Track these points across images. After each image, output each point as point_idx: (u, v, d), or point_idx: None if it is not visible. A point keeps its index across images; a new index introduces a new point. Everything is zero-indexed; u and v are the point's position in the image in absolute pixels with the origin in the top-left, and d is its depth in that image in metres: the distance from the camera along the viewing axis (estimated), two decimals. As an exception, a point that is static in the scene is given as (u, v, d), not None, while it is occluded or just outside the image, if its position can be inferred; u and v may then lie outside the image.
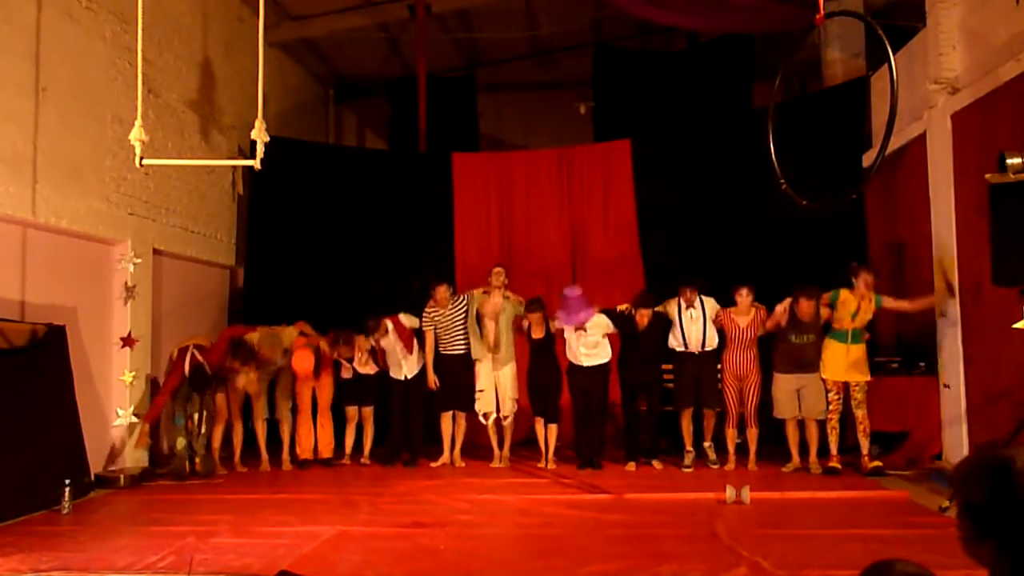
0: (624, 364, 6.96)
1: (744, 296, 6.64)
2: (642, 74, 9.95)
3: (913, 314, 6.62)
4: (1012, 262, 4.57)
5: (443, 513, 5.14)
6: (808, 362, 6.42)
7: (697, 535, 4.46)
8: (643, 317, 6.80)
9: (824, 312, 6.45)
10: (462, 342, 7.19)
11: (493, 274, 7.23)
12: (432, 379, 7.17)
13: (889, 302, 6.40)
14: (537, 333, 7.01)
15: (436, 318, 7.20)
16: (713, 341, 6.79)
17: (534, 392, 7.11)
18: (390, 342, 7.22)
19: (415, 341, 7.30)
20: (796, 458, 6.51)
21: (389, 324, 7.17)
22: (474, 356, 7.14)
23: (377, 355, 7.34)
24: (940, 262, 6.43)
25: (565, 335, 6.92)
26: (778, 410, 6.52)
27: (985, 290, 5.58)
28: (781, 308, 6.52)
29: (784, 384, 6.49)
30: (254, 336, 6.94)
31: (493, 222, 8.90)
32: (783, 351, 6.52)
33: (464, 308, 7.21)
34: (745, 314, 6.66)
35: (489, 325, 7.08)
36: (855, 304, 6.31)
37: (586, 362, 6.84)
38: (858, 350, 6.30)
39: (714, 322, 6.79)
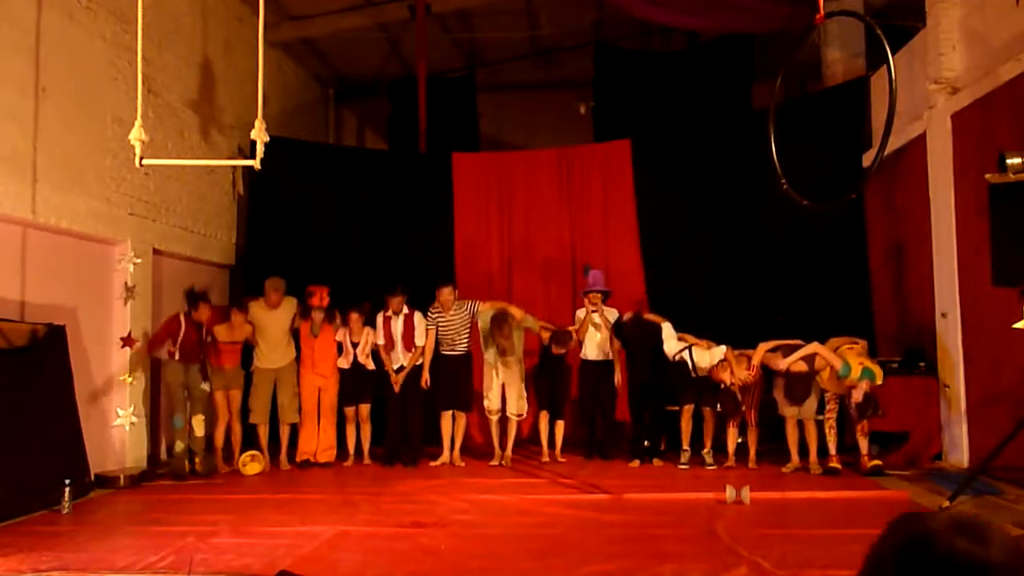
0: (631, 365, 7.12)
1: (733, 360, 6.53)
2: (642, 74, 9.94)
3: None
4: (1012, 262, 4.56)
5: (443, 513, 5.13)
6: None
7: (697, 535, 4.45)
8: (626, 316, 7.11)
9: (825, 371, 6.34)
10: (463, 343, 7.21)
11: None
12: (425, 379, 7.15)
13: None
14: (558, 351, 7.19)
15: (439, 320, 7.20)
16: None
17: (540, 387, 7.19)
18: (397, 327, 7.22)
19: (414, 342, 7.28)
20: (796, 458, 6.51)
21: (405, 309, 7.23)
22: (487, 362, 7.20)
23: (379, 348, 7.30)
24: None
25: (587, 332, 7.21)
26: (781, 408, 6.53)
27: (985, 290, 5.57)
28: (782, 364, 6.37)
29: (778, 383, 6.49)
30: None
31: (493, 222, 8.89)
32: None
33: (468, 313, 7.20)
34: (740, 371, 6.52)
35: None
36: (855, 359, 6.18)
37: (602, 355, 7.18)
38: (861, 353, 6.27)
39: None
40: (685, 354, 6.74)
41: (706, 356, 6.63)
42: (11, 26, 5.66)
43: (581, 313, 7.35)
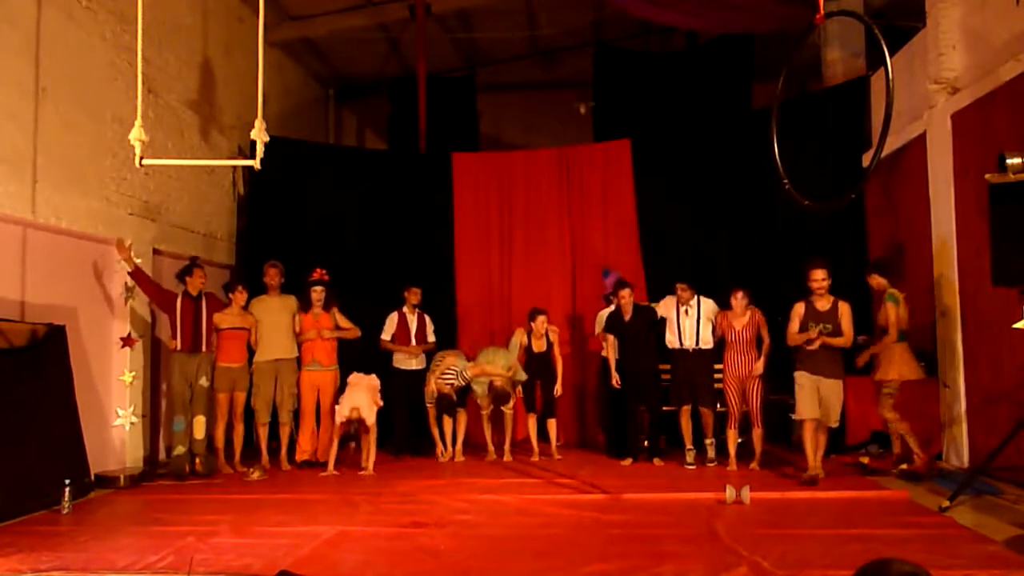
0: (621, 358, 7.05)
1: (739, 299, 6.61)
2: (642, 74, 9.94)
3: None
4: (1012, 262, 4.56)
5: (443, 513, 5.13)
6: (824, 362, 6.01)
7: (697, 535, 4.45)
8: (622, 299, 6.96)
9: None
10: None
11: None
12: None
13: (891, 309, 6.18)
14: (538, 347, 7.22)
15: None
16: (708, 340, 6.84)
17: (527, 386, 7.23)
18: (412, 324, 7.56)
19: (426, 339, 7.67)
20: (812, 463, 5.96)
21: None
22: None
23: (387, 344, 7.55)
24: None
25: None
26: (799, 410, 6.12)
27: (985, 290, 5.58)
28: (798, 306, 6.19)
29: (805, 383, 6.04)
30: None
31: (493, 222, 8.89)
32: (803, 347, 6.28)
33: (461, 377, 7.26)
34: (741, 316, 6.64)
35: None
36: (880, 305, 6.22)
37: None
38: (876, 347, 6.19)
39: (713, 324, 6.83)
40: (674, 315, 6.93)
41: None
42: (11, 26, 5.66)
43: (605, 315, 7.31)
